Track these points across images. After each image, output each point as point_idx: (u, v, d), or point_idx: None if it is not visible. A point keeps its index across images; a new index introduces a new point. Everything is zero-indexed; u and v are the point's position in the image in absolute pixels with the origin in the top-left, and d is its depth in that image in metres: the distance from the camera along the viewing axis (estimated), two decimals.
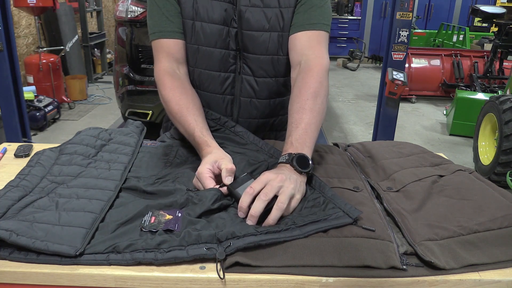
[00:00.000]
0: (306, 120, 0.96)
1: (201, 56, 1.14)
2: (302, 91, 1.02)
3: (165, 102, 1.11)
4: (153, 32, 1.15)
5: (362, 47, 8.69)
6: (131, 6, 3.25)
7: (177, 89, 1.10)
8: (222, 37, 1.12)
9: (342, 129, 4.75)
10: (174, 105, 1.08)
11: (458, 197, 0.88)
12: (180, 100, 1.08)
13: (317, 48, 1.10)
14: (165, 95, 1.10)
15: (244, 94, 1.18)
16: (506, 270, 0.73)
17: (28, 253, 0.70)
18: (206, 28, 1.11)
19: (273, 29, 1.12)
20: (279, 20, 1.11)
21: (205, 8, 1.10)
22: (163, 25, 1.13)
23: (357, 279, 0.70)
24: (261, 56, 1.14)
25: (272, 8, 1.11)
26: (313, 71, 1.06)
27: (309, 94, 1.01)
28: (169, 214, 0.78)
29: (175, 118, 1.08)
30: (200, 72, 1.17)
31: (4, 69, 3.02)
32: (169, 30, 1.13)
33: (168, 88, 1.10)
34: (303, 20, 1.11)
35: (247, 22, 1.10)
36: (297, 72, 1.09)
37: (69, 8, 5.64)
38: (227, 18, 1.11)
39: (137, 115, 3.45)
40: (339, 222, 0.76)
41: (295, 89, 1.05)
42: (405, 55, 3.15)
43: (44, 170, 0.95)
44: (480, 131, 3.69)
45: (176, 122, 1.09)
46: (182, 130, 1.08)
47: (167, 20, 1.12)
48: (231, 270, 0.69)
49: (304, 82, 1.04)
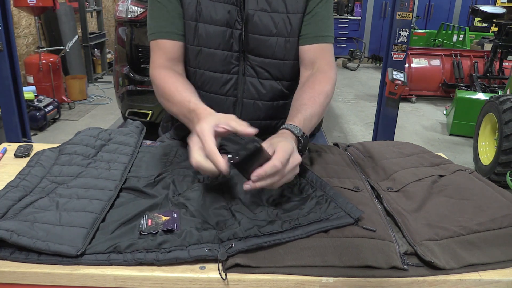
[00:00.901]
0: (315, 110, 1.01)
1: (203, 58, 1.14)
2: (316, 87, 1.06)
3: (158, 87, 1.08)
4: (151, 32, 1.15)
5: (362, 47, 8.69)
6: (131, 6, 3.24)
7: (171, 77, 1.08)
8: (225, 38, 1.12)
9: (342, 129, 4.75)
10: (169, 86, 1.04)
11: (458, 197, 0.88)
12: (175, 83, 1.05)
13: (329, 59, 1.16)
14: (158, 83, 1.07)
15: (247, 96, 1.18)
16: (506, 270, 0.73)
17: (29, 253, 0.70)
18: (209, 30, 1.11)
19: (280, 35, 1.12)
20: (286, 25, 1.12)
21: (208, 10, 1.10)
22: (163, 26, 1.12)
23: (357, 279, 0.70)
24: (266, 60, 1.14)
25: (279, 13, 1.11)
26: (326, 74, 1.11)
27: (321, 91, 1.05)
28: (165, 216, 0.78)
29: (168, 99, 1.03)
30: (202, 73, 1.16)
31: (4, 69, 3.02)
32: (168, 31, 1.12)
33: (162, 76, 1.08)
34: (315, 32, 1.14)
35: (254, 25, 1.10)
36: (310, 74, 1.13)
37: (69, 8, 5.64)
38: (230, 20, 1.10)
39: (137, 115, 3.45)
40: (340, 222, 0.76)
41: (307, 84, 1.08)
42: (405, 55, 3.14)
43: (44, 170, 0.95)
44: (480, 131, 3.69)
45: (169, 103, 1.04)
46: (175, 110, 1.01)
47: (167, 22, 1.12)
48: (231, 271, 0.69)
49: (319, 81, 1.08)
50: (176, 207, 0.83)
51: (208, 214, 0.80)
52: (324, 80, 1.09)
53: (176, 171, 0.97)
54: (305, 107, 0.99)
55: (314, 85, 1.07)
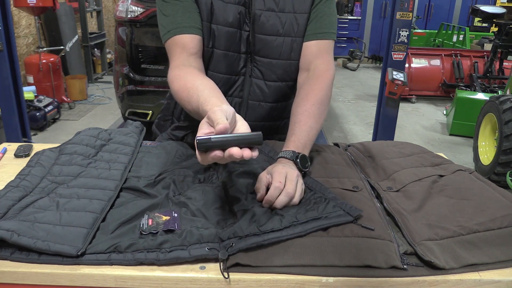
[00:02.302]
0: (310, 124, 1.00)
1: (214, 59, 1.12)
2: (309, 97, 1.05)
3: (174, 93, 1.00)
4: (167, 31, 1.07)
5: (362, 47, 8.69)
6: (131, 6, 3.24)
7: (190, 73, 1.00)
8: (235, 40, 1.11)
9: (342, 129, 4.75)
10: (188, 81, 0.96)
11: (458, 197, 0.88)
12: (186, 83, 0.96)
13: (326, 57, 1.15)
14: (177, 83, 0.99)
15: (252, 97, 1.17)
16: (506, 270, 0.73)
17: (29, 253, 0.70)
18: (221, 31, 1.09)
19: (287, 34, 1.12)
20: (294, 25, 1.11)
21: (221, 11, 1.08)
22: (179, 22, 1.06)
23: (357, 279, 0.70)
24: (273, 60, 1.14)
25: (286, 13, 1.10)
26: (321, 79, 1.09)
27: (315, 101, 1.04)
28: (165, 215, 0.78)
29: (184, 106, 0.96)
30: (212, 75, 1.14)
31: (4, 69, 3.02)
32: (186, 25, 1.06)
33: (183, 75, 1.00)
34: (315, 29, 1.13)
35: (261, 26, 1.10)
36: (305, 78, 1.12)
37: (69, 8, 5.64)
38: (240, 21, 1.10)
39: (137, 115, 3.45)
40: (339, 220, 0.76)
41: (302, 93, 1.08)
42: (405, 55, 3.14)
43: (44, 170, 0.95)
44: (480, 131, 3.69)
45: (187, 96, 0.93)
46: (192, 106, 0.90)
47: (183, 16, 1.06)
48: (231, 270, 0.69)
49: (312, 89, 1.07)
50: (176, 207, 0.83)
51: (209, 213, 0.81)
52: (318, 86, 1.07)
53: (177, 171, 0.97)
54: (299, 124, 1.00)
55: (307, 95, 1.06)
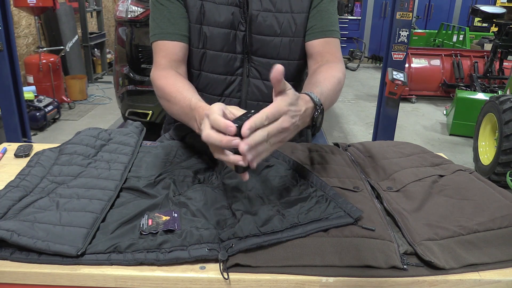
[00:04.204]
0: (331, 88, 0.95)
1: (207, 60, 1.13)
2: (330, 70, 1.03)
3: (158, 87, 1.04)
4: (153, 34, 1.14)
5: (362, 47, 8.69)
6: (131, 6, 3.24)
7: (172, 77, 1.05)
8: (229, 40, 1.11)
9: (342, 129, 4.75)
10: (170, 86, 1.00)
11: (458, 197, 0.88)
12: (176, 83, 1.01)
13: (337, 54, 1.14)
14: (159, 84, 1.04)
15: (251, 97, 1.17)
16: (506, 270, 0.73)
17: (29, 253, 0.70)
18: (213, 32, 1.10)
19: (284, 34, 1.12)
20: (291, 25, 1.11)
21: (212, 12, 1.09)
22: (164, 27, 1.12)
23: (357, 279, 0.70)
24: (271, 60, 1.13)
25: (284, 13, 1.10)
26: (337, 65, 1.08)
27: (335, 75, 1.02)
28: (165, 215, 0.78)
29: (169, 100, 1.00)
30: (206, 75, 1.15)
31: (4, 69, 3.02)
32: (169, 32, 1.11)
33: (163, 77, 1.05)
34: (322, 27, 1.13)
35: (258, 26, 1.10)
36: (320, 64, 1.10)
37: (69, 8, 5.64)
38: (234, 22, 1.10)
39: (137, 115, 3.45)
40: (340, 221, 0.76)
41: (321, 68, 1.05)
42: (405, 55, 3.14)
43: (44, 170, 0.95)
44: (480, 131, 3.69)
45: (169, 103, 1.00)
46: (175, 110, 0.98)
47: (169, 23, 1.11)
48: (231, 270, 0.69)
49: (331, 68, 1.06)
50: (176, 207, 0.83)
51: (209, 214, 0.81)
52: (336, 68, 1.07)
53: (177, 172, 0.97)
54: (321, 84, 0.93)
55: (327, 70, 1.04)
